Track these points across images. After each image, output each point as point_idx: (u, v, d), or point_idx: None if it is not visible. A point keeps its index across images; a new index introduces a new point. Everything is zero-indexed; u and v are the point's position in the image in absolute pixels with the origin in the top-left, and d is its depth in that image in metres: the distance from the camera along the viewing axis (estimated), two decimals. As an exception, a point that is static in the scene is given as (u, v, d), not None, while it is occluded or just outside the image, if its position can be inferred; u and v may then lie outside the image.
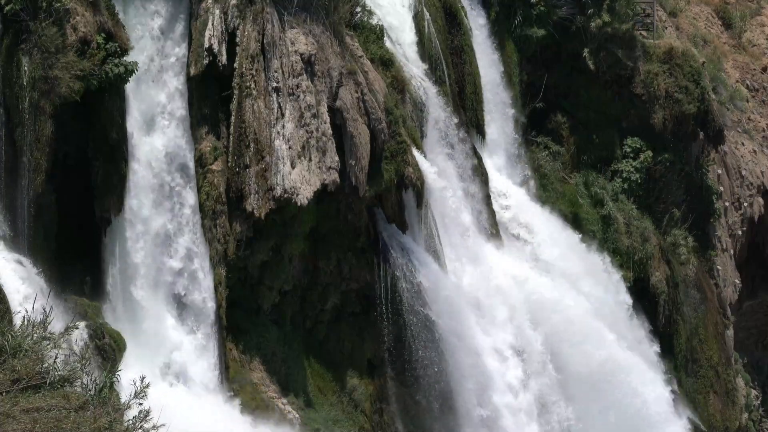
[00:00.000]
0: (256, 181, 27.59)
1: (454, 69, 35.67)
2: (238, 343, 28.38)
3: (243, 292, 28.69)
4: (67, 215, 25.05)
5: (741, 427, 43.90)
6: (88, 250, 25.60)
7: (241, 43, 27.82)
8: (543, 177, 39.09)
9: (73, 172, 25.17)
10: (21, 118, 23.92)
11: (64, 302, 24.03)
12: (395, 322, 30.72)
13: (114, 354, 24.06)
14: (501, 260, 34.79)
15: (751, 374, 47.58)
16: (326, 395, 29.87)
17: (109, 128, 25.20)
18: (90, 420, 11.64)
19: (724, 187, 44.80)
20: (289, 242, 29.00)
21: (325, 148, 28.27)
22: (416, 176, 30.67)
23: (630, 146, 40.98)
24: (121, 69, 24.88)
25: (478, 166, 34.86)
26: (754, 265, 47.84)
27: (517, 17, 38.61)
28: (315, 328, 30.34)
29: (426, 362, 31.03)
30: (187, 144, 27.54)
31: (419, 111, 32.98)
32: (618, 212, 39.96)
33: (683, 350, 41.23)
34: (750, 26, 52.35)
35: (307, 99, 28.27)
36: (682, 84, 41.44)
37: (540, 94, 39.71)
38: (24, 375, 12.18)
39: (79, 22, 24.50)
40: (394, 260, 30.60)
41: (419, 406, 31.49)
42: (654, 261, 40.25)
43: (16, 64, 23.93)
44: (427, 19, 34.39)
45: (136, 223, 26.28)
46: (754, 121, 49.36)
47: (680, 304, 41.11)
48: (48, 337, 12.97)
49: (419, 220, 31.59)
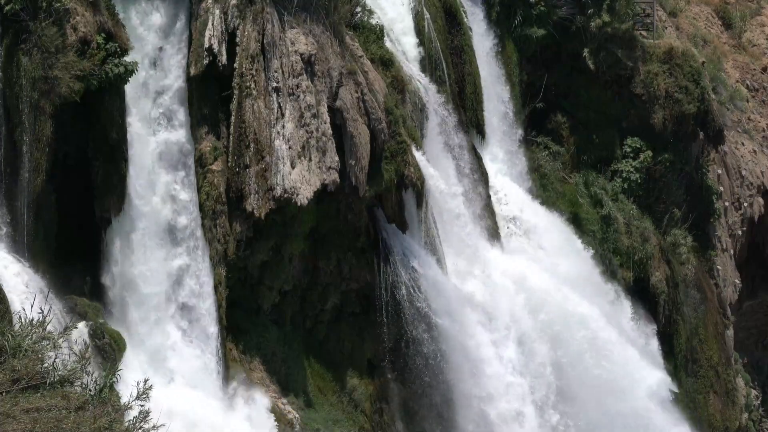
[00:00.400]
0: (256, 181, 27.59)
1: (454, 69, 35.67)
2: (238, 343, 28.38)
3: (243, 292, 28.69)
4: (67, 215, 25.03)
5: (741, 427, 43.90)
6: (88, 250, 25.59)
7: (241, 43, 27.81)
8: (543, 177, 39.09)
9: (73, 172, 25.16)
10: (21, 118, 23.91)
11: (64, 302, 24.03)
12: (395, 322, 30.73)
13: (114, 354, 24.06)
14: (501, 260, 34.78)
15: (751, 374, 47.58)
16: (326, 395, 29.88)
17: (109, 128, 25.18)
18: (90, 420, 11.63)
19: (724, 187, 44.80)
20: (289, 242, 29.00)
21: (325, 148, 28.27)
22: (416, 176, 30.67)
23: (630, 146, 40.99)
24: (121, 69, 24.86)
25: (478, 165, 34.87)
26: (754, 265, 47.84)
27: (517, 17, 38.62)
28: (315, 328, 30.35)
29: (426, 362, 31.03)
30: (188, 143, 27.54)
31: (419, 111, 32.98)
32: (618, 212, 39.97)
33: (683, 350, 41.23)
34: (750, 26, 52.35)
35: (307, 99, 28.27)
36: (682, 84, 41.45)
37: (540, 94, 39.72)
38: (24, 375, 12.17)
39: (79, 22, 24.49)
40: (394, 260, 30.59)
41: (419, 406, 31.50)
42: (654, 261, 40.25)
43: (16, 64, 23.91)
44: (427, 19, 34.39)
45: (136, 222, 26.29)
46: (754, 121, 49.35)
47: (680, 304, 41.11)
48: (47, 337, 12.97)
49: (419, 220, 31.60)
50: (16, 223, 24.10)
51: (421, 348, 30.89)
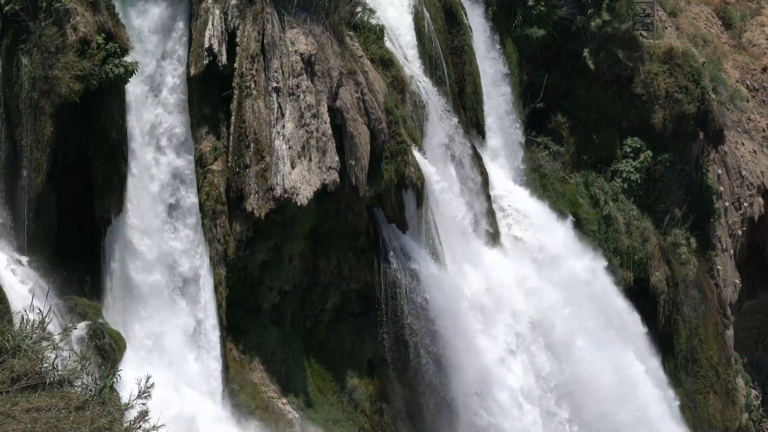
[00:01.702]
0: (256, 181, 27.59)
1: (454, 69, 35.66)
2: (238, 343, 28.38)
3: (243, 292, 28.69)
4: (67, 215, 25.04)
5: (741, 427, 43.90)
6: (88, 250, 25.59)
7: (241, 43, 27.82)
8: (543, 177, 39.07)
9: (73, 172, 25.16)
10: (21, 118, 23.91)
11: (64, 302, 24.03)
12: (395, 322, 30.74)
13: (114, 354, 24.06)
14: (501, 260, 34.79)
15: (751, 374, 47.57)
16: (326, 395, 29.88)
17: (109, 128, 25.19)
18: (90, 420, 11.64)
19: (724, 187, 44.80)
20: (289, 242, 29.00)
21: (325, 148, 28.27)
22: (416, 176, 30.67)
23: (630, 146, 40.99)
24: (121, 69, 24.86)
25: (478, 165, 34.86)
26: (754, 265, 47.84)
27: (517, 17, 38.61)
28: (315, 328, 30.35)
29: (426, 362, 31.04)
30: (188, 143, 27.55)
31: (419, 111, 32.98)
32: (618, 212, 39.96)
33: (683, 350, 41.23)
34: (750, 26, 52.34)
35: (307, 99, 28.27)
36: (682, 84, 41.45)
37: (540, 94, 39.70)
38: (23, 375, 12.18)
39: (79, 22, 24.49)
40: (394, 260, 30.60)
41: (419, 406, 31.50)
42: (654, 261, 40.25)
43: (16, 64, 23.92)
44: (427, 19, 34.38)
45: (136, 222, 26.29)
46: (754, 121, 49.35)
47: (680, 304, 41.11)
48: (47, 337, 12.97)
49: (419, 220, 31.60)
50: (16, 223, 24.10)
51: (420, 348, 30.89)
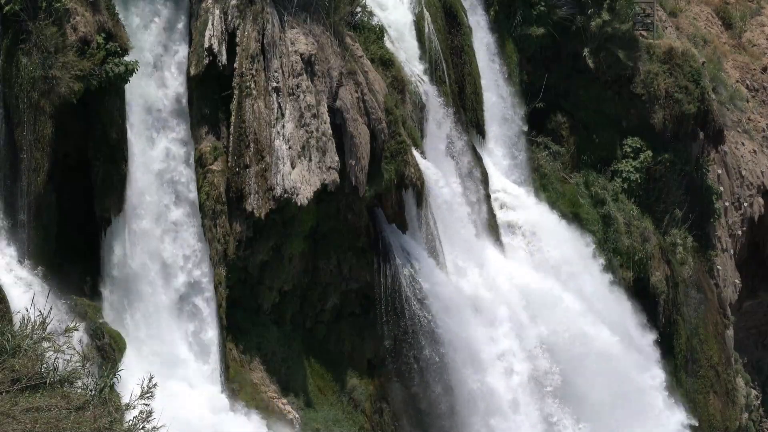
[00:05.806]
0: (256, 181, 27.58)
1: (454, 69, 35.67)
2: (238, 343, 28.37)
3: (243, 292, 28.69)
4: (67, 215, 25.03)
5: (741, 427, 43.89)
6: (88, 250, 25.58)
7: (241, 43, 27.81)
8: (543, 177, 39.08)
9: (73, 172, 25.15)
10: (21, 118, 23.90)
11: (64, 302, 24.02)
12: (395, 322, 30.73)
13: (114, 354, 24.05)
14: (501, 260, 34.80)
15: (751, 374, 47.57)
16: (326, 395, 29.88)
17: (109, 128, 25.17)
18: (90, 420, 11.63)
19: (724, 187, 44.81)
20: (289, 242, 28.99)
21: (325, 148, 28.26)
22: (416, 176, 30.67)
23: (630, 146, 40.99)
24: (121, 69, 24.84)
25: (478, 165, 34.87)
26: (754, 265, 47.85)
27: (517, 17, 38.62)
28: (315, 328, 30.34)
29: (426, 362, 31.03)
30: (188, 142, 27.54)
31: (419, 111, 32.98)
32: (618, 212, 39.96)
33: (683, 350, 41.23)
34: (750, 26, 52.35)
35: (307, 99, 28.27)
36: (682, 84, 41.46)
37: (540, 94, 39.70)
38: (23, 375, 12.17)
39: (79, 22, 24.47)
40: (394, 260, 30.60)
41: (419, 406, 31.49)
42: (654, 261, 40.24)
43: (16, 64, 23.91)
44: (427, 19, 34.38)
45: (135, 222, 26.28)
46: (754, 121, 49.36)
47: (680, 304, 41.10)
48: (47, 337, 12.97)
49: (419, 220, 31.59)
50: (16, 223, 24.09)
51: (420, 348, 30.88)
